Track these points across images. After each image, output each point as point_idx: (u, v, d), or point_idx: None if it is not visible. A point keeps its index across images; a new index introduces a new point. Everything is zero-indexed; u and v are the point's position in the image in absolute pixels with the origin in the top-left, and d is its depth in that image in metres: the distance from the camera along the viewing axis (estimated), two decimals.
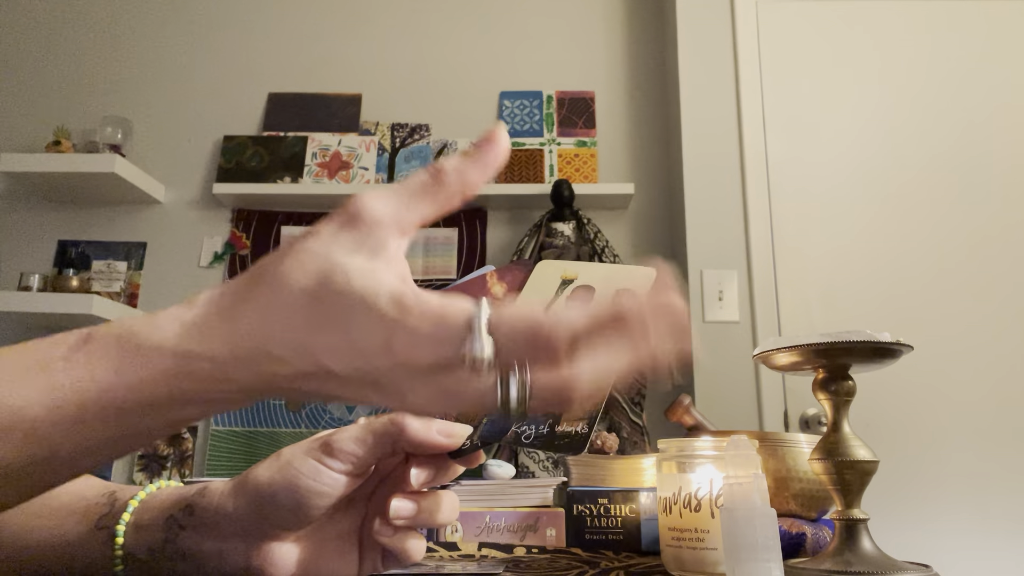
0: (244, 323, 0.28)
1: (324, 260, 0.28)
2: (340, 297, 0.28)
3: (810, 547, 0.64)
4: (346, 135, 2.33)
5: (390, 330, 0.27)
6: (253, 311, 0.28)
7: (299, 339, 0.28)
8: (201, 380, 0.28)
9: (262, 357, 0.28)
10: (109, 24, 2.48)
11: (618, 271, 0.45)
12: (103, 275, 2.22)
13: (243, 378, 0.28)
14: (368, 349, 0.28)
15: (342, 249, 0.29)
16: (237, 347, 0.28)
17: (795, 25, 2.20)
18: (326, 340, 0.28)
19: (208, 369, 0.28)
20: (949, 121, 2.11)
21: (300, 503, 0.36)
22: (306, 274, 0.28)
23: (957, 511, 1.84)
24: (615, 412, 1.91)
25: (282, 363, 0.28)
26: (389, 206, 0.30)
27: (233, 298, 0.29)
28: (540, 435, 0.37)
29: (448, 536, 0.71)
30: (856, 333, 0.55)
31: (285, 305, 0.28)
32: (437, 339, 0.27)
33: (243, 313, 0.28)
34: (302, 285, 0.28)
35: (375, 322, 0.27)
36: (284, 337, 0.28)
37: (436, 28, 2.46)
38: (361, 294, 0.28)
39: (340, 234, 0.29)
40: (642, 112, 2.37)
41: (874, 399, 1.85)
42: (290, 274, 0.28)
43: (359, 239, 0.29)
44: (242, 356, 0.28)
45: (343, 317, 0.28)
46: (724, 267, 2.02)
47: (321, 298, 0.28)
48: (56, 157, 2.12)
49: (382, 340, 0.27)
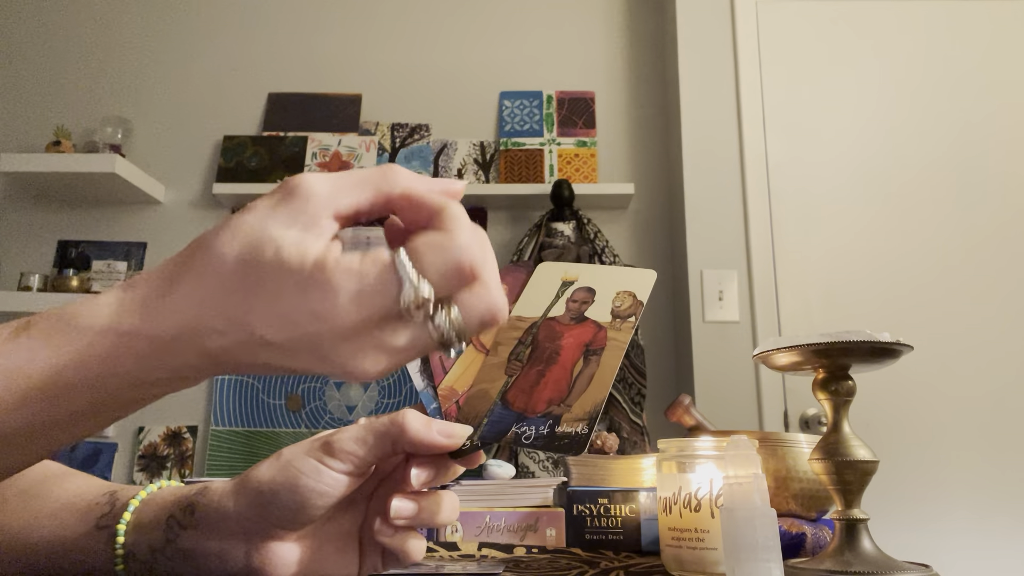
0: (180, 297, 0.29)
1: (258, 232, 0.29)
2: (269, 267, 0.29)
3: (810, 547, 0.64)
4: (346, 135, 2.33)
5: (318, 295, 0.28)
6: (188, 284, 0.29)
7: (233, 309, 0.29)
8: (143, 357, 0.29)
9: (200, 329, 0.29)
10: (109, 24, 2.48)
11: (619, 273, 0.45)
12: (103, 275, 2.22)
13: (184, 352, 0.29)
14: (299, 317, 0.29)
15: (275, 223, 0.29)
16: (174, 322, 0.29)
17: (795, 25, 2.20)
18: (259, 309, 0.29)
19: (147, 347, 0.29)
20: (948, 121, 2.11)
21: (301, 503, 0.37)
22: (239, 245, 0.29)
23: (957, 511, 1.84)
24: (615, 412, 1.92)
25: (219, 334, 0.29)
26: (326, 186, 0.30)
27: (170, 274, 0.30)
28: (540, 435, 0.37)
29: (448, 536, 0.71)
30: (856, 333, 0.55)
31: (218, 275, 0.29)
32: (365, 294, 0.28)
33: (178, 287, 0.29)
34: (235, 255, 0.29)
35: (302, 289, 0.28)
36: (218, 308, 0.29)
37: (436, 28, 2.46)
38: (288, 263, 0.28)
39: (276, 208, 0.30)
40: (642, 112, 2.37)
41: (874, 399, 1.85)
42: (223, 246, 0.29)
43: (293, 214, 0.29)
44: (180, 330, 0.29)
45: (272, 287, 0.29)
46: (724, 267, 2.02)
47: (252, 268, 0.29)
48: (56, 157, 2.12)
49: (311, 306, 0.28)
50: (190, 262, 0.30)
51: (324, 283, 0.28)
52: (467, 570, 0.56)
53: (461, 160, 2.31)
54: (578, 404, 0.38)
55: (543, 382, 0.39)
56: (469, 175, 2.29)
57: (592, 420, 0.37)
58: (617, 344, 0.41)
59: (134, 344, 0.29)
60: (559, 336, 0.42)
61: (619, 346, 0.40)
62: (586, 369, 0.39)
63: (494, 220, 2.28)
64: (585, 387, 0.38)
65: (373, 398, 2.13)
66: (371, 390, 2.14)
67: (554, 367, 0.40)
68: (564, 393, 0.38)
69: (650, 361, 2.13)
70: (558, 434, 0.37)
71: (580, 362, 0.40)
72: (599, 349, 0.40)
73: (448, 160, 2.31)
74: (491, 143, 2.33)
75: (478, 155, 2.31)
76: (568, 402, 0.38)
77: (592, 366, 0.39)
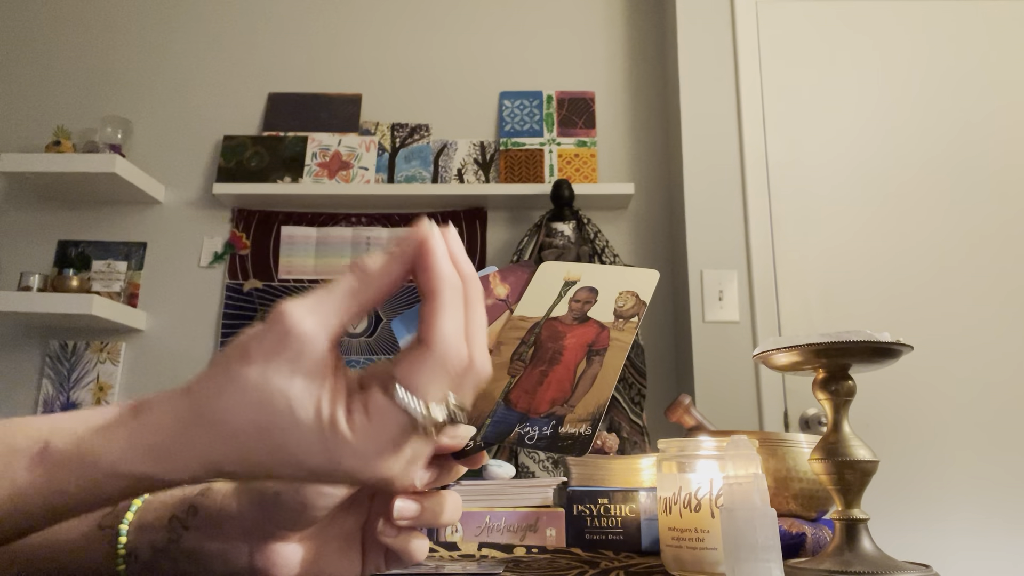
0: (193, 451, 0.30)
1: (263, 388, 0.29)
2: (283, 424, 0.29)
3: (810, 547, 0.64)
4: (346, 135, 2.33)
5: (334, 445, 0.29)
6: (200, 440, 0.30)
7: (249, 461, 0.30)
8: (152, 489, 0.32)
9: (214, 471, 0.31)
10: (109, 24, 2.48)
11: (621, 273, 0.45)
12: (103, 275, 2.22)
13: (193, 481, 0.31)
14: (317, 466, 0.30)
15: (278, 374, 0.29)
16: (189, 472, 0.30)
17: (795, 25, 2.20)
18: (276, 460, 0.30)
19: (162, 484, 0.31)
20: (948, 121, 2.12)
21: (304, 504, 0.37)
22: (248, 408, 0.29)
23: (957, 511, 1.84)
24: (615, 412, 1.92)
25: (232, 475, 0.31)
26: (317, 318, 0.30)
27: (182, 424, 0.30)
28: (543, 436, 0.37)
29: (448, 536, 0.71)
30: (856, 333, 0.55)
31: (232, 435, 0.30)
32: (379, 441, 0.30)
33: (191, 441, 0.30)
34: (247, 419, 0.29)
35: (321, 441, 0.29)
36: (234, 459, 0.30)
37: (436, 28, 2.46)
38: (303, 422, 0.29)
39: (273, 359, 0.30)
40: (642, 112, 2.38)
41: (874, 399, 1.85)
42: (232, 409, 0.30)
43: (292, 359, 0.29)
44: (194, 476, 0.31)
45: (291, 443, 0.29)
46: (724, 267, 2.02)
47: (265, 428, 0.29)
48: (56, 157, 2.12)
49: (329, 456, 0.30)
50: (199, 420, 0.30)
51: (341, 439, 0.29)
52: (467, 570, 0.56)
53: (461, 160, 2.31)
54: (581, 405, 0.38)
55: (546, 382, 0.39)
56: (469, 175, 2.29)
57: (595, 421, 0.37)
58: (620, 344, 0.41)
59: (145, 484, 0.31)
60: (562, 336, 0.42)
61: (622, 346, 0.40)
62: (589, 369, 0.39)
63: (494, 220, 2.28)
64: (588, 388, 0.38)
65: None
66: None
67: (557, 367, 0.40)
68: (567, 394, 0.39)
69: (650, 361, 2.13)
70: (561, 435, 0.37)
71: (583, 362, 0.40)
72: (602, 349, 0.40)
73: (448, 160, 2.31)
74: (491, 143, 2.33)
75: (478, 155, 2.31)
76: (571, 403, 0.38)
77: (595, 366, 0.39)
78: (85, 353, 2.18)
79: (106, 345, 2.19)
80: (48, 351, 2.18)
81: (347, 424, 0.30)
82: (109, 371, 2.16)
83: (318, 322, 0.30)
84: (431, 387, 0.30)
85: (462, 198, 2.24)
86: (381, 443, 0.30)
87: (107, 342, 2.19)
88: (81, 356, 2.18)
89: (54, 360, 2.18)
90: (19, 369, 2.19)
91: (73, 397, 2.14)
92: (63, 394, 2.15)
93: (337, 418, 0.30)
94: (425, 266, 0.31)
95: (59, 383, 2.16)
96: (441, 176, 2.29)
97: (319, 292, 0.31)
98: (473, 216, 2.27)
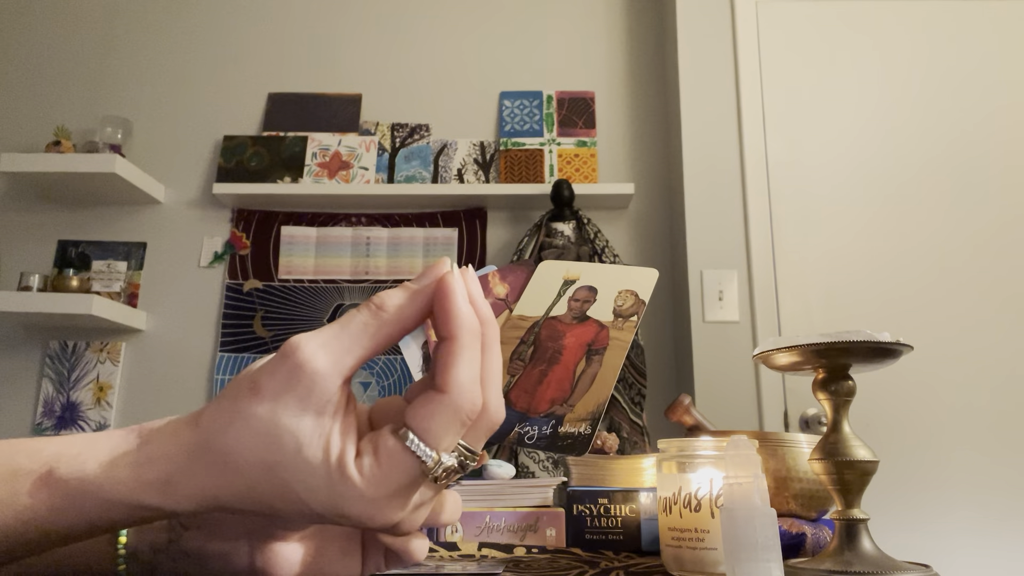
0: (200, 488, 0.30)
1: (272, 427, 0.29)
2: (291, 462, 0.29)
3: (810, 547, 0.64)
4: (346, 135, 2.33)
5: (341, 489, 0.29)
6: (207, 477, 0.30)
7: (253, 497, 0.30)
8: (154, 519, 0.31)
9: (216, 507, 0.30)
10: (109, 24, 2.48)
11: (620, 272, 0.45)
12: (103, 275, 2.22)
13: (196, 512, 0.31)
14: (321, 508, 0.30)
15: (288, 411, 0.29)
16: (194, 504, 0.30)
17: (795, 25, 2.20)
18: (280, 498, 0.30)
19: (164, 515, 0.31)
20: (948, 121, 2.12)
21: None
22: (256, 444, 0.29)
23: (957, 511, 1.84)
24: (615, 412, 1.92)
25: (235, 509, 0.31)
26: (330, 356, 0.30)
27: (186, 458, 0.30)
28: (543, 436, 0.37)
29: (448, 536, 0.71)
30: (856, 333, 0.55)
31: (239, 473, 0.29)
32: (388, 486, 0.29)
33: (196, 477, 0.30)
34: (254, 455, 0.29)
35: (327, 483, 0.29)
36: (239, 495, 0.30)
37: (436, 28, 2.46)
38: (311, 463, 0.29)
39: (283, 395, 0.29)
40: (642, 112, 2.38)
41: (874, 399, 1.85)
42: (240, 444, 0.29)
43: (303, 397, 0.29)
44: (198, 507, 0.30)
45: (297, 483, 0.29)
46: (724, 267, 2.02)
47: (274, 466, 0.29)
48: (56, 157, 2.12)
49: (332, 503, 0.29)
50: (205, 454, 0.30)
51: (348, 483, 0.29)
52: (467, 570, 0.56)
53: (461, 160, 2.31)
54: (581, 404, 0.38)
55: (546, 382, 0.39)
56: (469, 175, 2.29)
57: (595, 420, 0.37)
58: (619, 344, 0.41)
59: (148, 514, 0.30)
60: (561, 335, 0.42)
61: (621, 346, 0.40)
62: (588, 369, 0.39)
63: (494, 220, 2.28)
64: (588, 387, 0.38)
65: (373, 398, 2.13)
66: (371, 390, 2.14)
67: (556, 367, 0.40)
68: (567, 393, 0.39)
69: (650, 361, 2.13)
70: (561, 434, 0.37)
71: (583, 362, 0.40)
72: (601, 349, 0.40)
73: (448, 160, 2.31)
74: (491, 143, 2.33)
75: (478, 155, 2.31)
76: (571, 402, 0.38)
77: (594, 366, 0.39)
78: (85, 353, 2.18)
79: (106, 345, 2.19)
80: (48, 351, 2.19)
81: (355, 468, 0.29)
82: (109, 371, 2.16)
83: (331, 360, 0.29)
84: (444, 436, 0.29)
85: (462, 198, 2.24)
86: (389, 489, 0.29)
87: (107, 342, 2.19)
88: (81, 356, 2.18)
89: (54, 360, 2.18)
90: (19, 369, 2.19)
91: (73, 397, 2.14)
92: (63, 394, 2.15)
93: (346, 461, 0.29)
94: (443, 308, 0.30)
95: (59, 383, 2.16)
96: (441, 176, 2.29)
97: (333, 328, 0.30)
98: (473, 216, 2.27)
